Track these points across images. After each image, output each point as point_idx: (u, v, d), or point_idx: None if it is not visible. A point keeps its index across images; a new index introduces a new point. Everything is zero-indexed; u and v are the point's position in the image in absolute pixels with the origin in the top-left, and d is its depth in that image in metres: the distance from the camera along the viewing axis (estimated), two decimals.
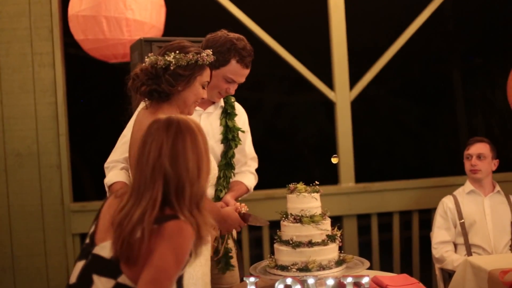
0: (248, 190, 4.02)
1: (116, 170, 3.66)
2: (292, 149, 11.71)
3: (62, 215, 5.93)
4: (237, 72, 3.79)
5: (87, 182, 9.99)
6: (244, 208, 3.70)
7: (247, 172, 4.06)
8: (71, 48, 6.48)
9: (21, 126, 5.87)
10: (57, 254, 5.94)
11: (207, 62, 3.34)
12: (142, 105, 3.54)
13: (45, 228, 5.91)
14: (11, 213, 5.87)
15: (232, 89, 3.82)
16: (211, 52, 3.39)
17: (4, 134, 5.85)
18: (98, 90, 9.69)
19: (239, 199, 3.96)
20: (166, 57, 3.30)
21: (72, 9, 5.57)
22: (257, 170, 4.19)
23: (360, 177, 6.46)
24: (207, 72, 3.38)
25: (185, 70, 3.29)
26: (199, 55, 3.31)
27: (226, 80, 3.77)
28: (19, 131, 5.87)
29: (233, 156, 3.91)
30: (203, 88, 3.38)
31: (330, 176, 6.49)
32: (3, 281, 5.89)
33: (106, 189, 3.65)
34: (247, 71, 3.84)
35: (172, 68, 3.28)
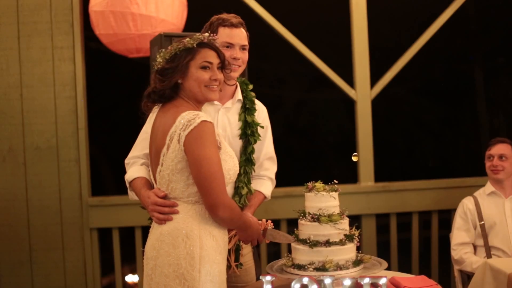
0: (265, 198, 3.98)
1: (136, 166, 3.64)
2: (312, 147, 11.70)
3: (80, 209, 5.96)
4: (227, 34, 3.79)
5: (108, 177, 10.04)
6: (270, 225, 3.68)
7: (265, 178, 4.01)
8: (92, 42, 6.50)
9: (40, 120, 5.91)
10: (74, 248, 5.98)
11: (192, 45, 3.29)
12: None
13: (63, 222, 5.94)
14: (29, 206, 5.90)
15: (236, 53, 3.79)
16: (203, 34, 3.35)
17: (24, 127, 5.89)
18: (120, 84, 9.72)
19: None
20: (158, 59, 3.32)
21: (90, 3, 5.63)
22: (278, 167, 4.14)
23: (380, 176, 6.43)
24: (201, 54, 3.30)
25: (172, 62, 3.28)
26: (181, 43, 3.29)
27: (226, 47, 3.74)
28: (39, 124, 5.91)
29: (252, 151, 3.88)
30: (206, 69, 3.33)
31: (350, 174, 6.46)
32: (20, 274, 5.92)
33: (127, 185, 3.64)
34: (237, 30, 3.83)
35: (160, 66, 3.29)
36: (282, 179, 4.41)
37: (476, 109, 11.24)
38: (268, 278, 3.30)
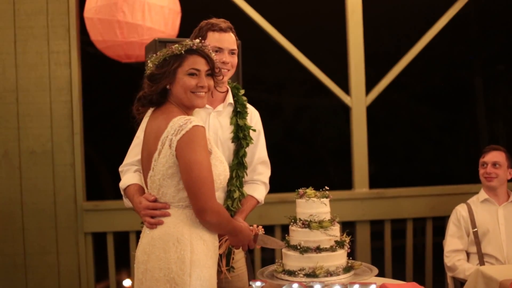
0: (258, 202, 3.98)
1: (129, 173, 3.65)
2: (311, 152, 11.70)
3: (74, 213, 5.97)
4: (216, 38, 3.82)
5: (107, 180, 10.04)
6: (261, 230, 3.68)
7: (259, 182, 4.01)
8: (90, 47, 6.53)
9: (36, 124, 5.93)
10: (69, 252, 5.98)
11: (180, 52, 3.30)
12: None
13: (58, 227, 5.95)
14: (24, 210, 5.91)
15: (225, 57, 3.82)
16: (193, 41, 3.36)
17: (19, 131, 5.90)
18: (119, 88, 9.75)
19: None
20: (148, 64, 3.35)
21: (84, 10, 5.68)
22: (275, 173, 4.15)
23: (379, 182, 6.43)
24: (189, 60, 3.32)
25: (161, 68, 3.30)
26: (170, 49, 3.31)
27: (215, 51, 3.75)
28: (34, 129, 5.93)
29: (244, 155, 3.89)
30: (193, 76, 3.34)
31: (349, 179, 6.45)
32: (15, 278, 5.93)
33: (122, 193, 3.65)
34: (226, 35, 3.86)
35: (150, 71, 3.32)
36: (280, 184, 4.42)
37: (475, 116, 11.23)
38: (258, 284, 3.29)
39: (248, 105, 4.02)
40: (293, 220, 3.59)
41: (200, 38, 3.56)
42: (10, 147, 5.92)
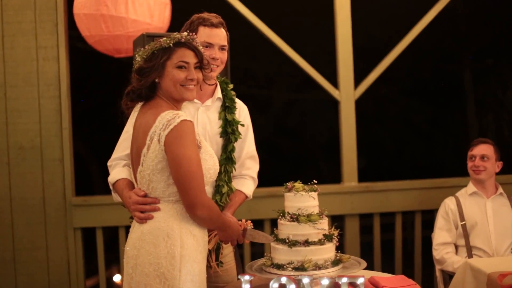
0: (246, 197, 3.99)
1: (118, 168, 3.66)
2: (301, 147, 11.71)
3: (63, 209, 5.95)
4: (207, 33, 3.81)
5: (98, 176, 10.04)
6: (249, 225, 3.69)
7: (247, 177, 4.03)
8: (80, 42, 6.52)
9: (24, 120, 5.90)
10: (58, 248, 5.97)
11: (168, 45, 3.30)
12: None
13: (47, 222, 5.94)
14: (13, 206, 5.89)
15: (215, 53, 3.82)
16: (181, 34, 3.36)
17: (8, 127, 5.88)
18: (108, 83, 9.74)
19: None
20: (137, 58, 3.35)
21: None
22: (264, 167, 4.15)
23: (369, 176, 6.43)
24: (177, 53, 3.32)
25: (149, 61, 3.30)
26: (158, 42, 3.31)
27: (205, 47, 3.75)
28: (23, 124, 5.90)
29: (233, 150, 3.89)
30: (182, 68, 3.33)
31: (338, 173, 6.46)
32: (4, 273, 5.91)
33: (111, 187, 3.65)
34: (217, 30, 3.85)
35: (138, 65, 3.32)
36: (270, 179, 4.41)
37: (465, 110, 11.26)
38: (247, 277, 3.31)
39: (237, 100, 4.03)
40: (281, 214, 3.60)
41: (189, 31, 3.57)
42: None
